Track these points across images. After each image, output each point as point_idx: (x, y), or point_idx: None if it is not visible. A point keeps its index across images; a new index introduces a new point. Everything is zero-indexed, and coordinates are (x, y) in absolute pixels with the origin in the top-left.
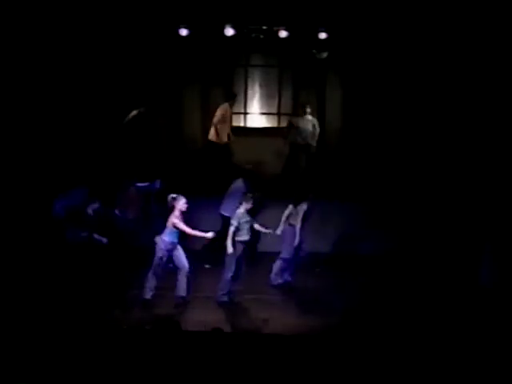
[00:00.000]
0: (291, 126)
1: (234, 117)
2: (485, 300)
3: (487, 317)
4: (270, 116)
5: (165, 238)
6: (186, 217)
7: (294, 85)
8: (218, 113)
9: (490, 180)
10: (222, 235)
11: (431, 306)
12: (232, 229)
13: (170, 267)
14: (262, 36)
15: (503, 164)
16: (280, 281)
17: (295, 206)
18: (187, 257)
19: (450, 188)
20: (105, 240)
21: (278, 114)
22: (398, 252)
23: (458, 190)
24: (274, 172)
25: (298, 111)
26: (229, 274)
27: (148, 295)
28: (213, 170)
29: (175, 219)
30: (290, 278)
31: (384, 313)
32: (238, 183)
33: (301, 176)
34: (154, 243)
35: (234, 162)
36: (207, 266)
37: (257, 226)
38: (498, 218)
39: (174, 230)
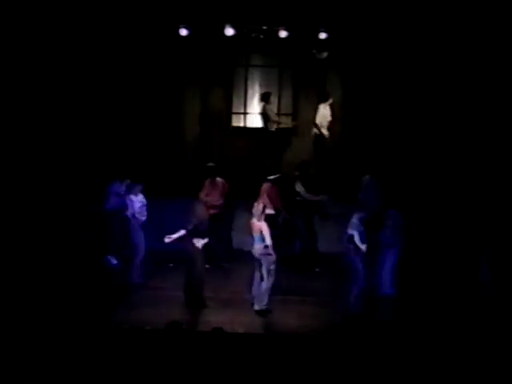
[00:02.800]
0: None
1: (234, 117)
2: (484, 300)
3: (487, 316)
4: None
5: (259, 246)
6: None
7: (294, 85)
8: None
9: (490, 180)
10: None
11: (431, 306)
12: (357, 238)
13: (169, 266)
14: (261, 36)
15: (503, 164)
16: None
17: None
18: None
19: (450, 188)
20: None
21: (278, 114)
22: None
23: (458, 189)
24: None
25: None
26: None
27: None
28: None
29: (263, 225)
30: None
31: (384, 312)
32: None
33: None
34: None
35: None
36: (207, 266)
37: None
38: (498, 219)
39: (262, 235)
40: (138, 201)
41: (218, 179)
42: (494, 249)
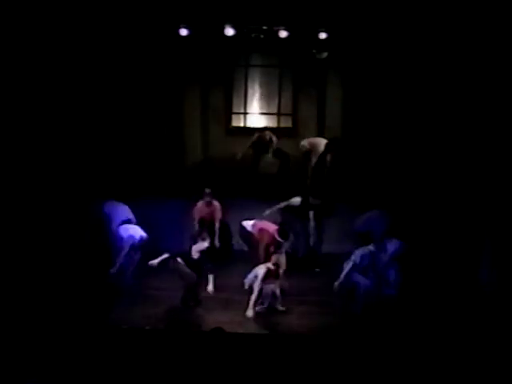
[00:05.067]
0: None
1: (234, 117)
2: (484, 299)
3: (486, 316)
4: (270, 116)
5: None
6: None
7: (294, 85)
8: None
9: (490, 180)
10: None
11: (431, 305)
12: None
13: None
14: (262, 36)
15: (502, 163)
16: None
17: None
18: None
19: (450, 187)
20: None
21: (278, 114)
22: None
23: (458, 188)
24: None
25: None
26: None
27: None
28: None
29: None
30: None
31: (383, 312)
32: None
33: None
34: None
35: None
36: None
37: None
38: (498, 217)
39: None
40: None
41: (215, 203)
42: (494, 248)
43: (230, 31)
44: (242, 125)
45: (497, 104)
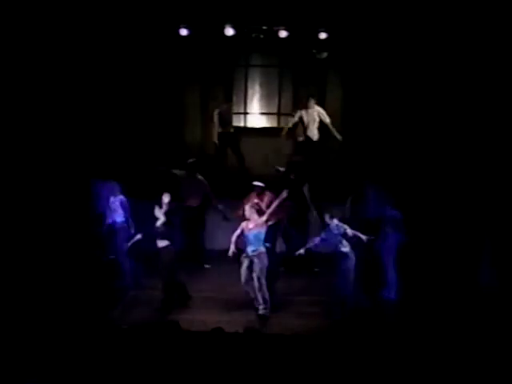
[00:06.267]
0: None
1: (234, 117)
2: (484, 300)
3: (486, 316)
4: (270, 116)
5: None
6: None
7: (294, 85)
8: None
9: (490, 180)
10: None
11: (431, 306)
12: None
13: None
14: (262, 36)
15: (503, 163)
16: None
17: None
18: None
19: (451, 187)
20: None
21: (278, 114)
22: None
23: (458, 188)
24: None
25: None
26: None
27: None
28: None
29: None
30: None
31: (383, 312)
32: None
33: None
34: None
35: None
36: (207, 266)
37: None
38: (498, 218)
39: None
40: (114, 201)
41: (199, 177)
42: (494, 248)
43: (229, 31)
44: (242, 125)
45: (495, 105)
